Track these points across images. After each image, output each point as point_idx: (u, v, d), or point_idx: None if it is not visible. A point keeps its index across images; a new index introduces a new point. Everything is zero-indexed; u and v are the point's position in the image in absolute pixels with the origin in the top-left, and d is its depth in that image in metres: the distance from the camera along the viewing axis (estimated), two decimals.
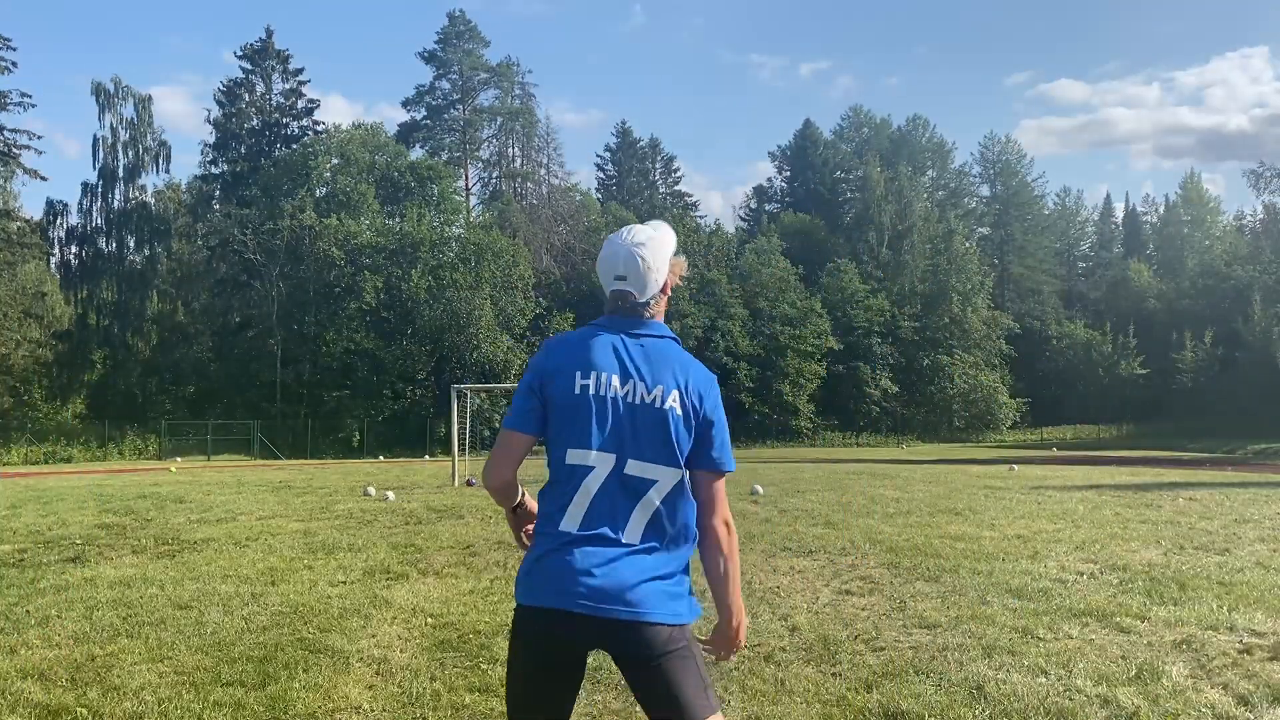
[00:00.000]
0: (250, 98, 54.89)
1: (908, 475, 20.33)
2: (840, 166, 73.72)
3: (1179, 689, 4.28)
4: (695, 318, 52.53)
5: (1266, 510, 11.60)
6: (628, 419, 2.23)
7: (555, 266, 55.30)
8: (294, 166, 50.72)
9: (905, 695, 4.22)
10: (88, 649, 5.28)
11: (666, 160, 73.16)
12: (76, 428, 45.55)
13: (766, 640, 5.29)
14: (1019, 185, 75.90)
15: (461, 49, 62.90)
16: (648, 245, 2.34)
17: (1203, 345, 60.41)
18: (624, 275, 2.33)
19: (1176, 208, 79.16)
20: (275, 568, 8.04)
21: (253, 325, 49.10)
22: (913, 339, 60.67)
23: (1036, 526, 10.19)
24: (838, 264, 60.26)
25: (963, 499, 13.71)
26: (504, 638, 5.41)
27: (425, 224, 50.12)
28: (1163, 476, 19.27)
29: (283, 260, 47.02)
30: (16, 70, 48.17)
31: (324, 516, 12.47)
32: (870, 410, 58.38)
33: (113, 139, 52.68)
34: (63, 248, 53.99)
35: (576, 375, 2.25)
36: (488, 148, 66.65)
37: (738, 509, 12.69)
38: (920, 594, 6.51)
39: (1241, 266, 62.53)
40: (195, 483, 20.77)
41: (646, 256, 2.33)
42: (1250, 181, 65.09)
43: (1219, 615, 5.69)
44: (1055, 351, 68.92)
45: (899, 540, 9.12)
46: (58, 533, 10.83)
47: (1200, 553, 8.21)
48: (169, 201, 56.41)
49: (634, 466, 2.21)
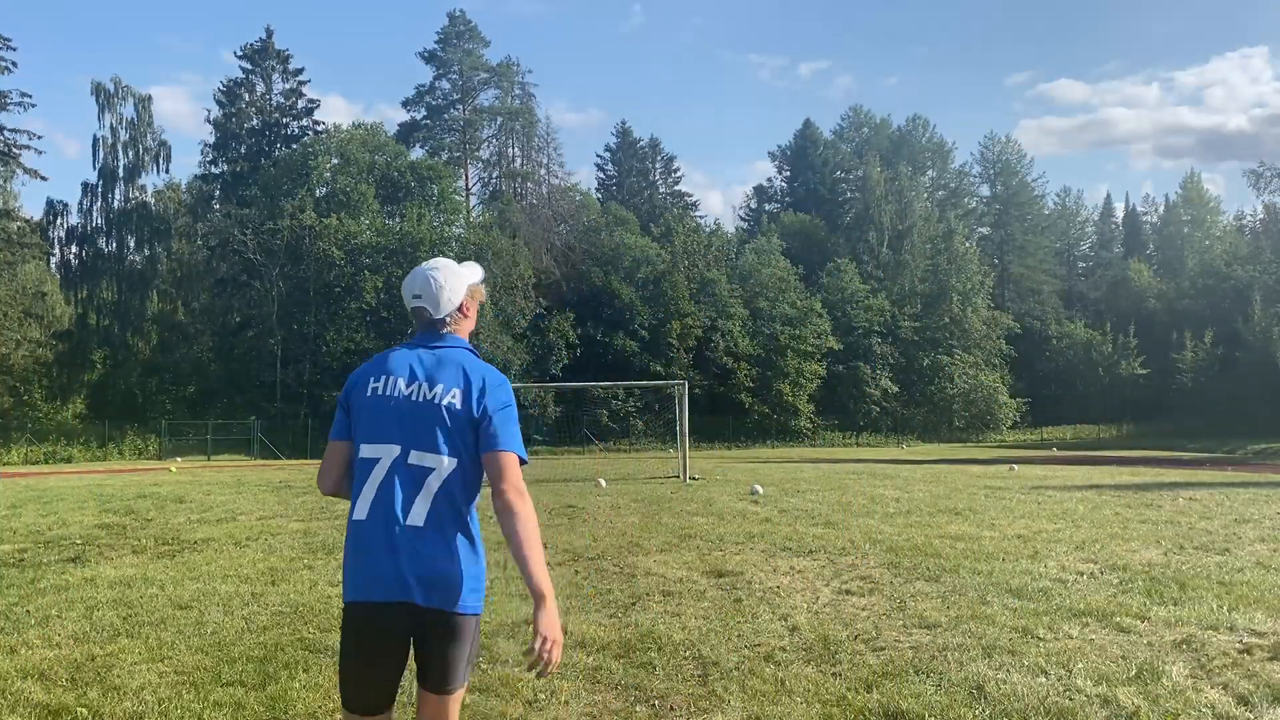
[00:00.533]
0: (250, 98, 54.86)
1: (908, 475, 20.33)
2: (840, 166, 73.69)
3: (1179, 689, 4.28)
4: (695, 318, 52.51)
5: (1266, 510, 11.60)
6: (410, 414, 2.51)
7: (555, 266, 55.26)
8: (294, 166, 50.70)
9: (905, 695, 4.23)
10: (88, 649, 5.28)
11: (666, 160, 73.18)
12: (76, 428, 45.52)
13: (766, 640, 5.29)
14: (1019, 185, 75.88)
15: (461, 49, 62.85)
16: (440, 270, 2.68)
17: (1203, 345, 60.38)
18: (419, 295, 2.65)
19: (1176, 208, 79.14)
20: (275, 568, 8.05)
21: (253, 325, 49.08)
22: (913, 339, 60.65)
23: (1036, 526, 10.19)
24: (838, 264, 60.24)
25: (963, 499, 13.71)
26: (504, 638, 5.42)
27: (425, 224, 50.08)
28: (1163, 476, 19.27)
29: (283, 260, 47.01)
30: (16, 70, 48.15)
31: (324, 516, 12.47)
32: (870, 410, 58.37)
33: (113, 139, 52.70)
34: (63, 248, 54.04)
35: (370, 381, 2.59)
36: (488, 148, 66.63)
37: (738, 509, 12.69)
38: (920, 594, 6.51)
39: (1241, 266, 62.48)
40: (195, 483, 20.77)
41: (438, 278, 2.65)
42: (1250, 181, 65.05)
43: (1219, 615, 5.69)
44: (1055, 351, 68.90)
45: (899, 540, 9.12)
46: (58, 533, 10.83)
47: (1200, 553, 8.21)
48: (169, 201, 56.38)
49: (415, 456, 2.48)
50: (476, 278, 2.77)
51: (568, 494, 15.96)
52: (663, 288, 52.39)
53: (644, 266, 53.28)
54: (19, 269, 48.18)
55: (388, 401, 2.54)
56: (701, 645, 5.19)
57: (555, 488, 17.88)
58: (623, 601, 6.45)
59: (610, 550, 8.83)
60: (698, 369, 51.50)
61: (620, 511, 12.57)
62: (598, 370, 49.47)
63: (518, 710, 4.19)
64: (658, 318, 51.70)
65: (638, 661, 4.90)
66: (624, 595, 6.66)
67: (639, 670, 4.74)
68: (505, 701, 4.29)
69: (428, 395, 2.53)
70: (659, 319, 51.70)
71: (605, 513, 12.43)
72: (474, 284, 2.76)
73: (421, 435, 2.49)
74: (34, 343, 48.12)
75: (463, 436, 2.51)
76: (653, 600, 6.46)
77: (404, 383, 2.55)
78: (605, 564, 8.07)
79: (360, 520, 2.48)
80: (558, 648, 2.38)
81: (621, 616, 5.99)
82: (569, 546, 9.13)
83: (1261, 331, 55.95)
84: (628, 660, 4.93)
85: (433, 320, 2.65)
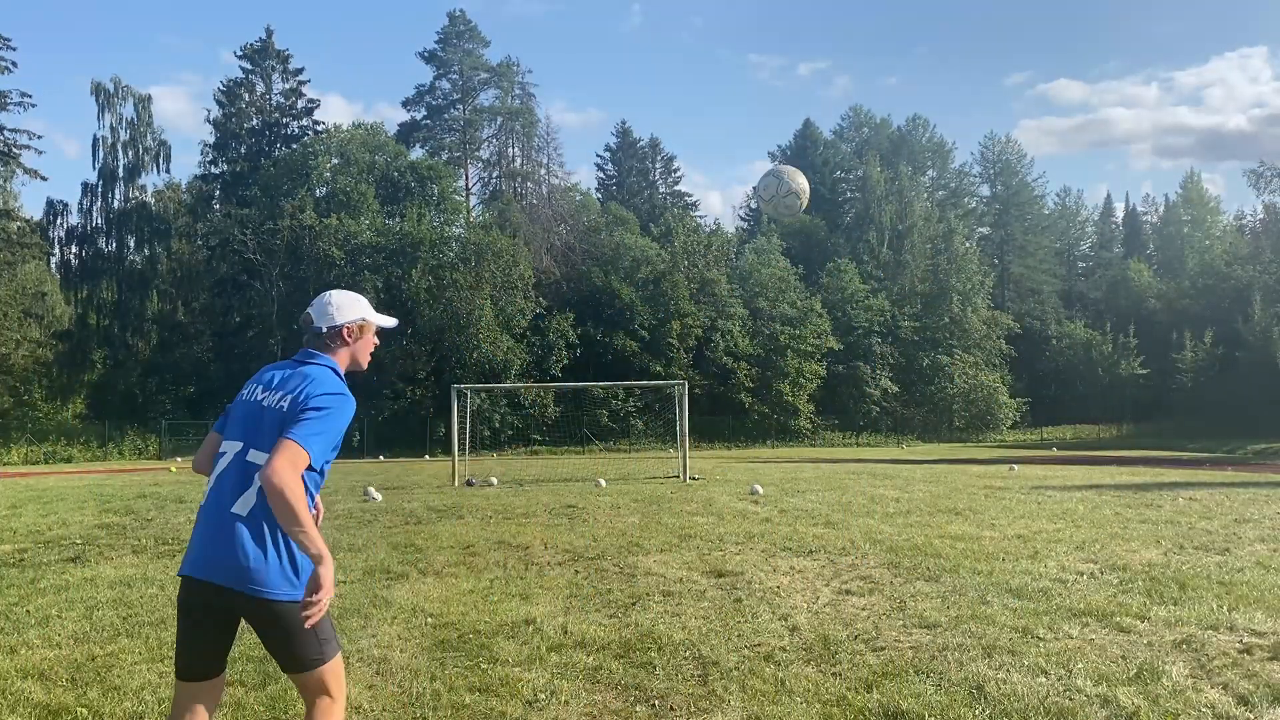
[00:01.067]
0: (250, 98, 54.86)
1: (908, 475, 20.32)
2: (840, 166, 73.68)
3: (1179, 689, 4.28)
4: (695, 318, 52.51)
5: (1266, 510, 11.59)
6: (257, 418, 2.82)
7: (555, 266, 55.24)
8: (294, 166, 50.70)
9: (905, 695, 4.23)
10: (88, 649, 5.28)
11: (666, 160, 73.17)
12: (76, 428, 45.54)
13: (766, 640, 5.29)
14: (1019, 185, 75.85)
15: (461, 49, 62.84)
16: (336, 294, 3.03)
17: (1203, 345, 60.34)
18: (311, 306, 3.00)
19: (1176, 207, 79.11)
20: None
21: (253, 325, 49.08)
22: (913, 339, 60.63)
23: (1036, 526, 10.18)
24: (838, 264, 60.22)
25: (963, 499, 13.71)
26: (504, 637, 5.43)
27: (425, 224, 50.08)
28: (1163, 476, 19.26)
29: (283, 260, 47.01)
30: (16, 70, 48.21)
31: (323, 516, 12.46)
32: (870, 410, 58.35)
33: (112, 139, 52.73)
34: (63, 248, 54.06)
35: (245, 388, 2.96)
36: (488, 148, 66.61)
37: (738, 509, 12.69)
38: (920, 594, 6.51)
39: (1241, 266, 62.44)
40: (195, 482, 20.77)
41: (332, 298, 3.00)
42: (1250, 181, 64.94)
43: (1219, 615, 5.69)
44: (1055, 351, 68.88)
45: (899, 540, 9.12)
46: (58, 533, 10.83)
47: (1200, 553, 8.21)
48: (169, 201, 56.39)
49: (253, 454, 2.76)
50: (372, 316, 3.05)
51: (568, 494, 15.96)
52: (663, 288, 52.37)
53: (644, 266, 53.27)
54: (19, 269, 48.20)
55: (246, 405, 2.89)
56: (701, 645, 5.19)
57: (555, 488, 17.88)
58: (623, 601, 6.45)
59: (610, 550, 8.83)
60: (698, 369, 51.48)
61: (620, 511, 12.57)
62: (598, 370, 49.47)
63: (518, 710, 4.19)
64: (658, 318, 51.69)
65: (638, 661, 4.90)
66: (624, 595, 6.66)
67: (639, 670, 4.74)
68: (505, 701, 4.29)
69: (273, 403, 2.82)
70: (659, 319, 51.68)
71: (605, 513, 12.43)
72: (367, 318, 3.02)
73: (264, 436, 2.76)
74: (34, 343, 48.13)
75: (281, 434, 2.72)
76: (653, 600, 6.46)
77: (261, 390, 2.89)
78: (605, 564, 8.07)
79: (201, 504, 2.85)
80: (324, 605, 2.63)
81: (621, 616, 5.99)
82: (569, 546, 9.13)
83: (1261, 331, 55.93)
84: (628, 660, 4.93)
85: (315, 333, 2.96)
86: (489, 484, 18.94)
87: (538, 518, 11.93)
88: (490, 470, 23.75)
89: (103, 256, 52.95)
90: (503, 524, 11.21)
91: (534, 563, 8.21)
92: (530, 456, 41.09)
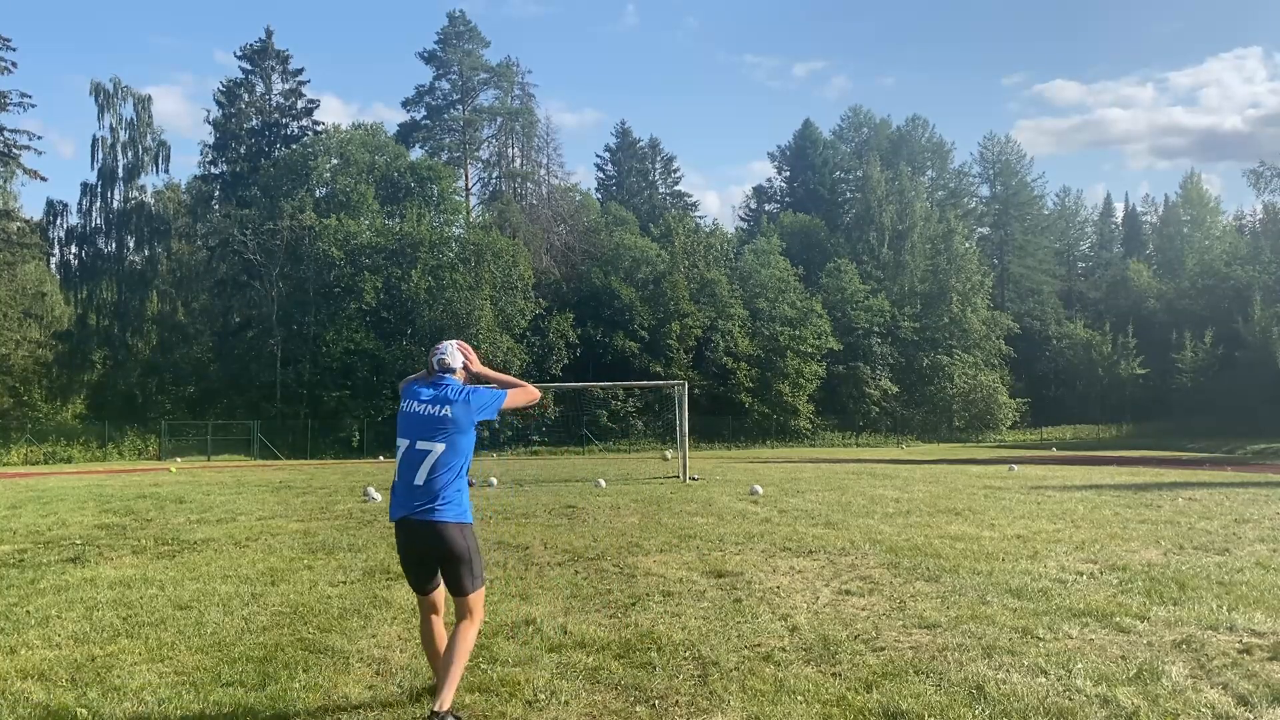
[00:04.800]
0: (250, 98, 54.83)
1: (908, 475, 20.32)
2: (840, 166, 73.69)
3: (1179, 689, 4.28)
4: (695, 318, 52.51)
5: (1266, 510, 11.60)
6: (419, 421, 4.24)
7: (555, 266, 55.25)
8: (294, 167, 50.68)
9: (905, 695, 4.23)
10: (88, 649, 5.28)
11: (666, 160, 73.17)
12: (76, 428, 45.50)
13: (766, 640, 5.29)
14: (1019, 185, 75.81)
15: (461, 49, 62.82)
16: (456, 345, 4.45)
17: (1203, 345, 60.34)
18: (444, 350, 4.38)
19: (1176, 208, 79.06)
20: (275, 568, 8.05)
21: (252, 325, 49.06)
22: (913, 339, 60.64)
23: (1036, 526, 10.18)
24: (838, 264, 60.21)
25: (963, 499, 13.71)
26: (504, 637, 5.43)
27: (425, 224, 50.06)
28: (1163, 476, 19.26)
29: (282, 260, 47.00)
30: (16, 70, 48.17)
31: (324, 516, 12.47)
32: (870, 410, 58.37)
33: (112, 139, 52.65)
34: (62, 248, 53.99)
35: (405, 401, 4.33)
36: (487, 148, 66.59)
37: (738, 509, 12.69)
38: (920, 594, 6.51)
39: (1241, 266, 62.45)
40: (195, 483, 20.77)
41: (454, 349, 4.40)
42: (1250, 181, 64.92)
43: (1219, 615, 5.69)
44: (1055, 351, 68.89)
45: (899, 540, 9.12)
46: (58, 533, 10.83)
47: (1200, 553, 8.21)
48: (168, 202, 56.35)
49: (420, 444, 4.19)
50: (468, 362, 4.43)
51: (568, 494, 15.96)
52: (662, 288, 52.38)
53: (644, 266, 53.27)
54: (19, 269, 48.19)
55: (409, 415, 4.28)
56: (701, 645, 5.19)
57: (555, 488, 17.88)
58: (623, 601, 6.45)
59: (610, 550, 8.83)
60: (697, 369, 51.49)
61: (620, 511, 12.58)
62: (597, 370, 49.48)
63: (518, 710, 4.19)
64: (657, 318, 51.69)
65: (638, 661, 4.90)
66: (624, 595, 6.66)
67: (639, 670, 4.74)
68: (505, 701, 4.29)
69: (432, 411, 4.23)
70: (659, 319, 51.69)
71: (605, 513, 12.43)
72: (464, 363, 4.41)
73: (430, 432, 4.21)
74: (34, 343, 48.12)
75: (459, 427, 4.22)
76: (653, 600, 6.46)
77: (418, 404, 4.27)
78: (605, 564, 8.07)
79: (395, 482, 4.31)
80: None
81: (621, 616, 5.99)
82: (569, 547, 9.13)
83: (1261, 331, 55.93)
84: (628, 660, 4.93)
85: (447, 366, 4.34)
86: (489, 484, 18.94)
87: (537, 518, 11.93)
88: (490, 470, 23.75)
89: (102, 257, 52.91)
90: (502, 524, 11.21)
91: (534, 563, 8.22)
92: (530, 456, 41.08)
